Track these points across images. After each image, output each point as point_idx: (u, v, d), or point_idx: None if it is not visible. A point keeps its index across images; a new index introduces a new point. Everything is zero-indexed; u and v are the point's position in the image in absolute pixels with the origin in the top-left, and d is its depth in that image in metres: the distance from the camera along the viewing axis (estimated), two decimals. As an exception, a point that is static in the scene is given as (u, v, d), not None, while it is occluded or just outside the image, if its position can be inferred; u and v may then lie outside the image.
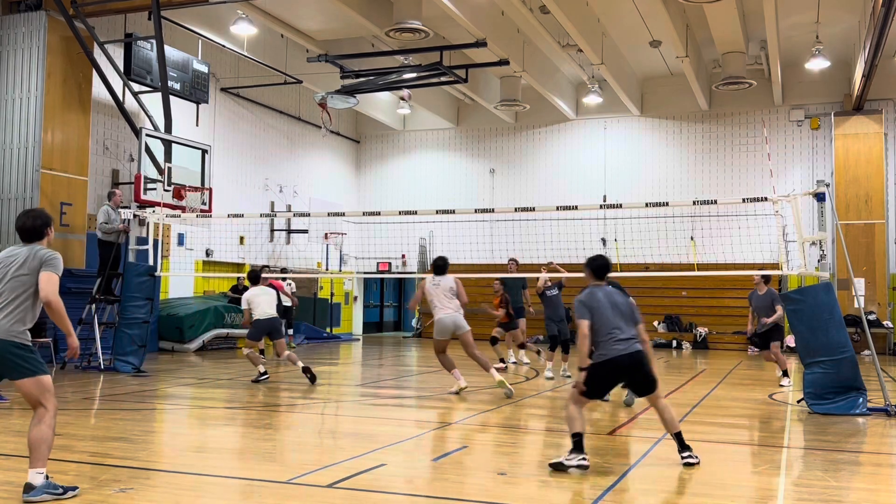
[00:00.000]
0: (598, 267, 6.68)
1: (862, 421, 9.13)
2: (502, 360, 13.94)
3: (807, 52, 19.76)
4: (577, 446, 6.19)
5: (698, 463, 6.40)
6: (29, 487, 5.11)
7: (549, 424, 9.27)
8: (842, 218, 20.91)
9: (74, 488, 5.36)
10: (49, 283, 5.30)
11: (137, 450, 6.95)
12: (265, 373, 12.17)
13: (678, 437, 6.53)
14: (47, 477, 5.21)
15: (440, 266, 11.49)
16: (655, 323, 23.10)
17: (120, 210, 14.35)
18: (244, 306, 12.38)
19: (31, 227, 5.41)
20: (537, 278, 14.35)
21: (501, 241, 22.57)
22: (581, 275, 7.02)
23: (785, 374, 12.79)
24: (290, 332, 20.35)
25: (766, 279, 13.01)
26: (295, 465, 6.66)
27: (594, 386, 6.39)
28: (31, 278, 5.30)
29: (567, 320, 13.00)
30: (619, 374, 6.44)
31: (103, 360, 13.44)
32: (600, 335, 6.36)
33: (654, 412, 9.18)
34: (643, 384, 6.51)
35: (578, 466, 6.14)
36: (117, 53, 16.49)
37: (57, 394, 10.15)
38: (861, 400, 9.52)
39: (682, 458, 6.46)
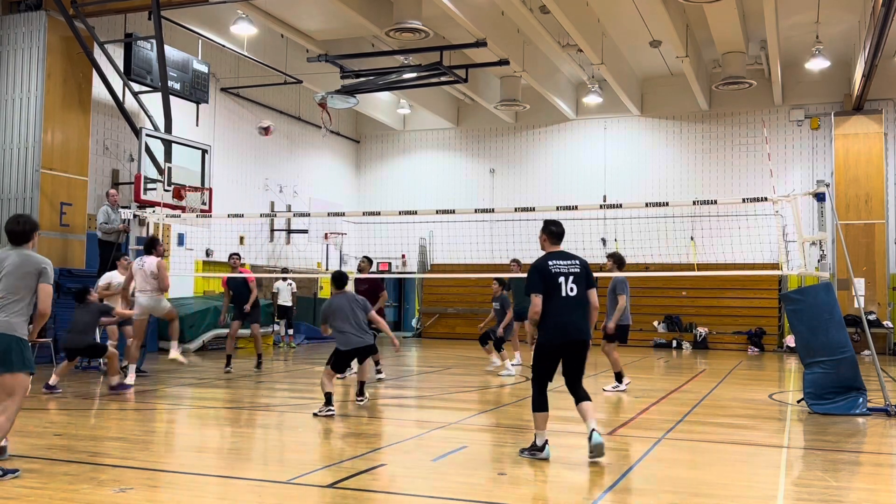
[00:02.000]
0: (337, 279, 9.53)
1: (862, 421, 9.13)
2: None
3: (807, 52, 19.76)
4: (328, 401, 8.85)
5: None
6: None
7: (549, 424, 9.26)
8: (842, 218, 20.91)
9: (15, 471, 5.74)
10: (48, 297, 5.95)
11: (137, 450, 6.95)
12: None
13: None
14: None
15: (147, 246, 12.16)
16: (655, 323, 23.10)
17: (120, 210, 14.36)
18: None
19: (21, 232, 6.01)
20: None
21: (501, 241, 22.54)
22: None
23: (618, 378, 11.43)
24: (290, 331, 20.37)
25: (619, 264, 11.53)
26: (295, 465, 6.66)
27: (337, 364, 9.30)
28: (31, 281, 5.89)
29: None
30: (353, 355, 9.39)
31: (103, 361, 13.43)
32: (340, 329, 9.13)
33: (653, 413, 9.17)
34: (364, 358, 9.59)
35: (327, 416, 8.69)
36: (117, 53, 16.49)
37: (57, 394, 10.18)
38: (861, 400, 9.52)
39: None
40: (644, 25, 18.69)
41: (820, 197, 11.24)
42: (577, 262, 6.84)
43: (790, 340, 20.81)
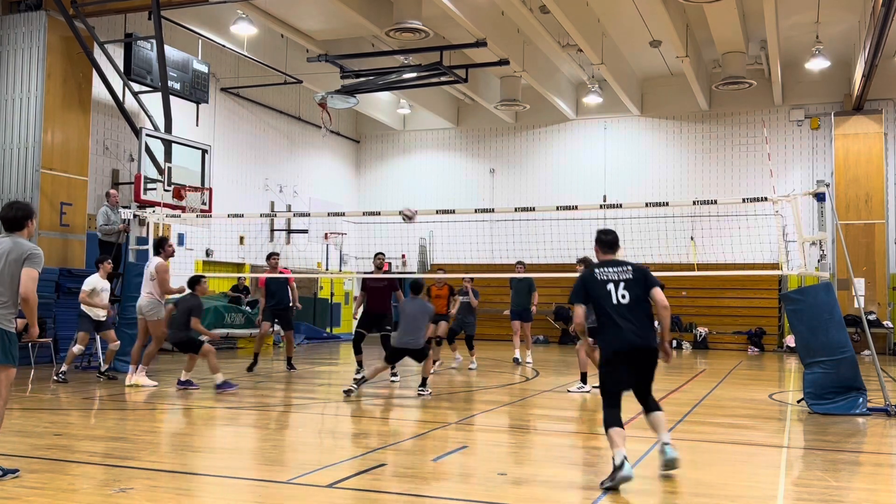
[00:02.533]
0: (414, 285, 11.11)
1: (862, 421, 9.13)
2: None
3: (807, 52, 19.76)
4: (359, 372, 11.25)
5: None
6: None
7: (549, 424, 9.27)
8: (842, 218, 20.91)
9: (15, 470, 5.67)
10: (30, 281, 5.66)
11: (137, 450, 6.95)
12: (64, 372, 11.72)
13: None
14: None
15: (154, 246, 12.27)
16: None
17: (119, 210, 14.34)
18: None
19: (13, 218, 5.83)
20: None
21: (501, 241, 22.55)
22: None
23: (583, 378, 11.45)
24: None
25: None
26: (295, 465, 6.66)
27: (389, 356, 10.97)
28: (15, 269, 5.68)
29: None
30: (403, 353, 10.76)
31: (103, 361, 13.43)
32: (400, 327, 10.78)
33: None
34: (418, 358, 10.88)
35: (352, 387, 10.76)
36: (117, 53, 16.49)
37: (57, 394, 10.18)
38: (861, 400, 9.52)
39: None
40: (644, 25, 18.69)
41: (820, 197, 11.23)
42: (630, 267, 6.50)
43: (790, 340, 20.80)
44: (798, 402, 10.15)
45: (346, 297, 26.50)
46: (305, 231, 23.25)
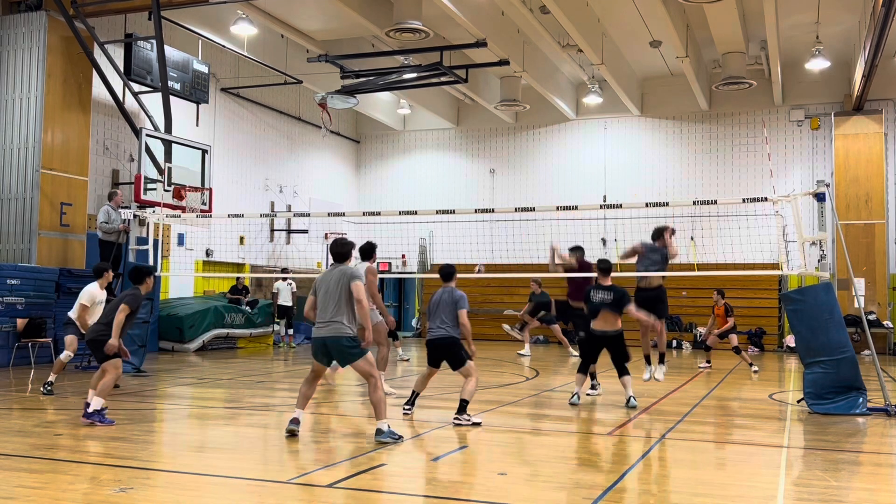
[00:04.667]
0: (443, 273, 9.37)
1: (862, 421, 9.13)
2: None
3: (807, 52, 19.77)
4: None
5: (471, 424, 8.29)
6: (379, 432, 7.30)
7: (549, 424, 9.27)
8: (842, 218, 20.91)
9: (399, 437, 7.33)
10: (358, 290, 7.35)
11: (137, 450, 6.95)
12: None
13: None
14: (389, 426, 7.33)
15: (362, 253, 11.70)
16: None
17: (120, 210, 14.36)
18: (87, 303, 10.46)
19: (339, 253, 7.67)
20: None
21: (501, 241, 22.55)
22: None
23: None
24: (291, 331, 20.38)
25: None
26: (295, 465, 6.66)
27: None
28: (346, 289, 7.33)
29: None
30: (430, 351, 9.20)
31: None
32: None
33: (653, 413, 9.16)
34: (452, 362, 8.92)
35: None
36: (117, 53, 16.49)
37: (57, 394, 10.17)
38: (861, 400, 9.53)
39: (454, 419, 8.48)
40: (644, 25, 18.69)
41: (820, 197, 11.23)
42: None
43: (790, 340, 20.81)
44: (798, 402, 10.15)
45: (346, 297, 26.48)
46: (305, 231, 23.25)
